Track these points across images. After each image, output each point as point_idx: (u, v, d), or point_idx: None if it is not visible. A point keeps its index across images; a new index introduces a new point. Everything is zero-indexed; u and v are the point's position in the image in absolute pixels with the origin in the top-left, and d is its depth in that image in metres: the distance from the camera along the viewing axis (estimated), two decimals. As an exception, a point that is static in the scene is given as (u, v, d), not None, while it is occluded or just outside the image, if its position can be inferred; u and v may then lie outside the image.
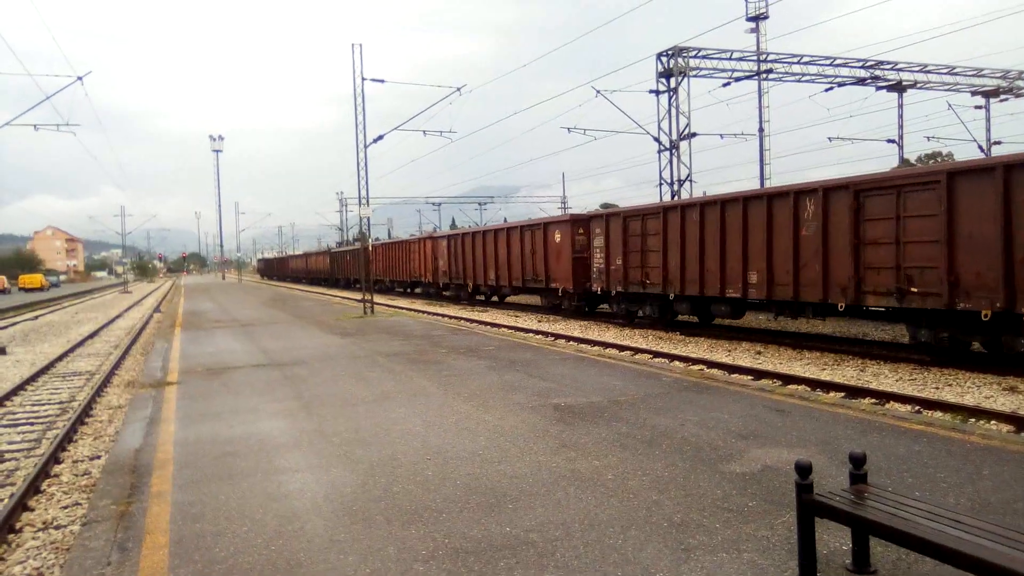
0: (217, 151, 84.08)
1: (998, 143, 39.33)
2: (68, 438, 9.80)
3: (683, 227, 18.98)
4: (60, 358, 18.69)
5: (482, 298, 35.36)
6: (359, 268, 50.14)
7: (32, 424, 11.26)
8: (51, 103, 27.22)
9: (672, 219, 19.54)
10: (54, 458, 8.75)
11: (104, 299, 58.60)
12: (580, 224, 24.71)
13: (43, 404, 12.84)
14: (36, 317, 36.78)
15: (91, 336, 24.88)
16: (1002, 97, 37.47)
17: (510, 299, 34.97)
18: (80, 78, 26.67)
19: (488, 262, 31.20)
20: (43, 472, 8.08)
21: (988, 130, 38.83)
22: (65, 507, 7.04)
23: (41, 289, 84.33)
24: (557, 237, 25.49)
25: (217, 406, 9.91)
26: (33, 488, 7.51)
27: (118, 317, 34.50)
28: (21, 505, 6.96)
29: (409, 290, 47.62)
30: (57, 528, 6.43)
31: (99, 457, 8.85)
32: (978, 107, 38.30)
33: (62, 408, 12.43)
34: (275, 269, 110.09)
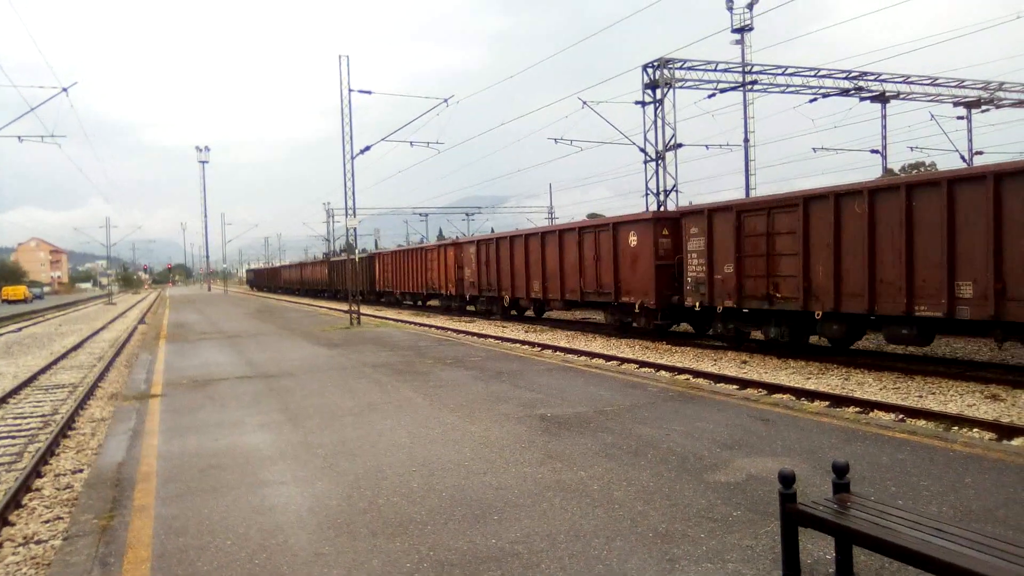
0: (203, 162, 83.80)
1: (980, 153, 39.76)
2: (50, 451, 9.70)
3: (838, 221, 14.55)
4: (43, 370, 18.52)
5: (521, 313, 31.11)
6: (364, 279, 47.41)
7: (14, 437, 11.14)
8: (36, 114, 27.05)
9: (818, 212, 15.02)
10: (36, 472, 8.65)
11: (88, 311, 58.15)
12: (665, 223, 19.91)
13: (25, 417, 12.71)
14: (19, 329, 36.45)
15: (75, 348, 24.67)
16: (983, 108, 37.84)
17: (553, 314, 29.90)
18: (65, 89, 26.55)
19: (532, 271, 26.46)
20: (24, 486, 7.99)
21: (970, 140, 39.23)
22: (47, 521, 6.96)
23: (24, 301, 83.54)
24: (632, 240, 20.64)
25: (202, 419, 9.85)
26: (14, 502, 7.43)
27: (102, 329, 34.23)
28: (2, 519, 6.87)
29: (421, 303, 42.86)
30: (38, 543, 6.35)
31: (81, 471, 8.76)
32: (960, 118, 38.68)
33: (44, 421, 12.31)
34: (266, 280, 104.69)
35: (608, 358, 17.09)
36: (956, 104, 37.62)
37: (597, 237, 22.44)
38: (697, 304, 18.24)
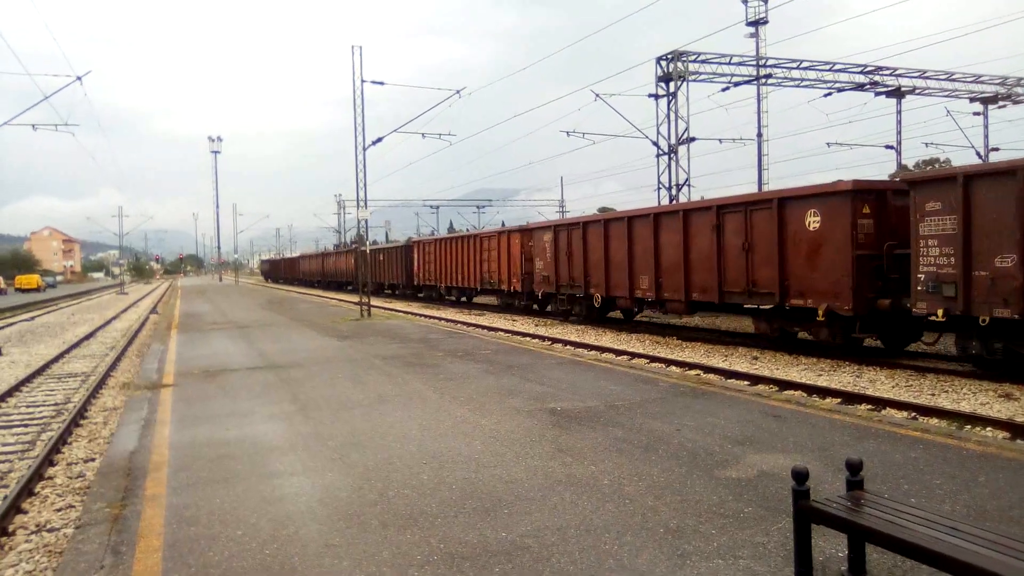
0: (215, 152, 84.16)
1: (996, 149, 39.41)
2: (63, 440, 9.76)
3: None
4: (56, 359, 18.64)
5: (629, 317, 24.41)
6: (399, 270, 44.01)
7: (27, 426, 11.22)
8: (50, 103, 27.19)
9: None
10: (48, 460, 8.71)
11: (100, 300, 58.51)
12: (867, 198, 14.34)
13: (38, 406, 12.80)
14: (32, 318, 36.70)
15: (87, 337, 24.82)
16: (1000, 104, 37.56)
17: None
18: (79, 78, 26.64)
19: (639, 263, 20.45)
20: (37, 474, 8.04)
21: (986, 136, 38.92)
22: (59, 510, 7.00)
23: (37, 290, 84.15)
24: (812, 220, 15.15)
25: (213, 409, 9.89)
26: (27, 490, 7.48)
27: (114, 319, 34.42)
28: (14, 507, 6.92)
29: (467, 300, 37.19)
30: (50, 531, 6.39)
31: (93, 459, 8.81)
32: (976, 113, 38.38)
33: (57, 410, 12.39)
34: (282, 271, 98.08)
35: (618, 352, 17.06)
36: (972, 99, 37.34)
37: (748, 218, 16.79)
38: (940, 312, 12.73)
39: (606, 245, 21.99)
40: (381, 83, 28.65)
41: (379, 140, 29.40)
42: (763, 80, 33.07)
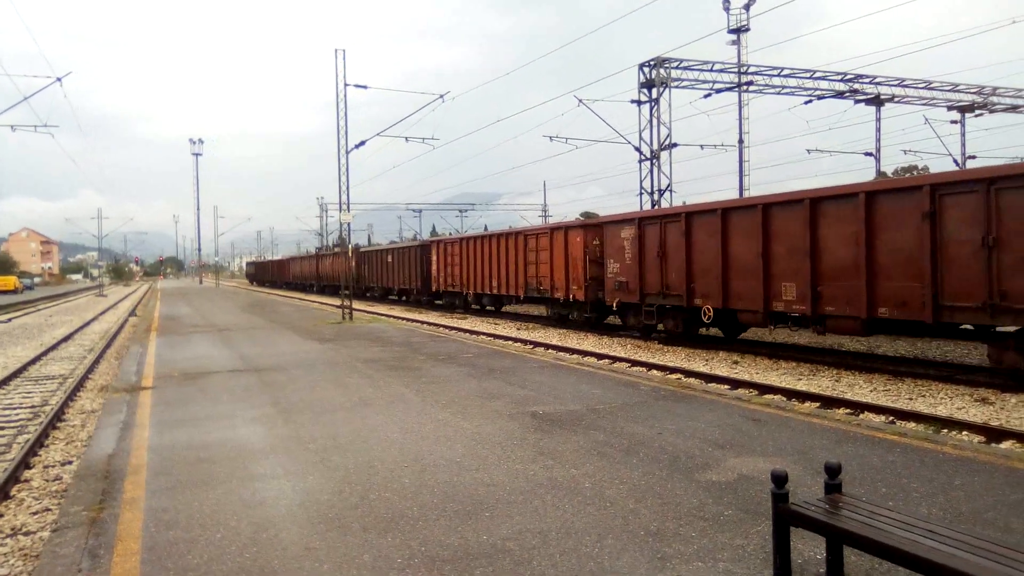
0: (197, 154, 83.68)
1: (973, 157, 39.95)
2: (39, 443, 9.65)
3: None
4: (33, 361, 18.42)
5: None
6: (414, 274, 38.38)
7: (2, 428, 11.08)
8: (29, 104, 26.91)
9: None
10: (24, 463, 8.61)
11: (79, 302, 57.88)
12: None
13: (14, 408, 12.64)
14: (9, 320, 36.25)
15: (65, 339, 24.55)
16: (977, 112, 38.07)
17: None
18: (59, 79, 26.39)
19: (780, 266, 15.51)
20: (13, 477, 7.94)
21: (963, 144, 39.43)
22: (35, 513, 6.92)
23: (14, 291, 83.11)
24: None
25: (193, 411, 9.81)
26: (2, 493, 7.39)
27: (93, 321, 34.08)
28: (-10, 511, 6.84)
29: (494, 308, 32.38)
30: (26, 534, 6.32)
31: (71, 462, 8.72)
32: (954, 122, 38.89)
33: (34, 412, 12.25)
34: (269, 273, 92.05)
35: (600, 356, 17.11)
36: (950, 108, 37.83)
37: (992, 201, 11.71)
38: None
39: (724, 242, 16.96)
40: (364, 87, 28.63)
41: (362, 144, 29.36)
42: (745, 87, 33.33)
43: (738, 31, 34.18)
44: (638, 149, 31.47)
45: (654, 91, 30.54)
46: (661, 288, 19.22)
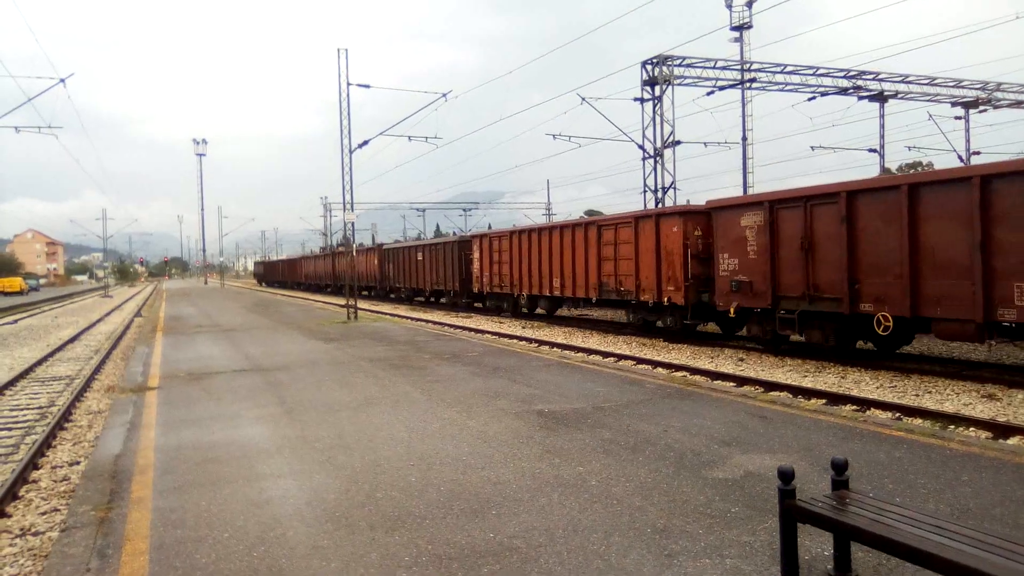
0: (201, 155, 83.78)
1: (977, 153, 39.83)
2: (47, 443, 9.68)
3: None
4: (39, 362, 18.48)
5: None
6: (452, 273, 34.60)
7: (10, 429, 11.12)
8: (33, 105, 27.00)
9: None
10: (32, 463, 8.64)
11: (84, 303, 58.02)
12: None
13: (22, 409, 12.69)
14: (15, 321, 36.36)
15: (71, 340, 24.62)
16: (981, 108, 37.92)
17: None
18: (63, 80, 26.48)
19: (1013, 259, 11.59)
20: (21, 478, 7.97)
21: (967, 140, 39.31)
22: (43, 513, 6.94)
23: (20, 293, 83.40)
24: None
25: (199, 412, 9.84)
26: (11, 494, 7.41)
27: (99, 321, 34.16)
28: (-2, 511, 6.86)
29: (544, 312, 27.58)
30: (35, 534, 6.34)
31: (79, 463, 8.75)
32: (958, 118, 38.76)
33: (41, 413, 12.29)
34: (279, 274, 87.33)
35: (605, 354, 17.10)
36: (954, 104, 37.70)
37: None
38: None
39: (911, 229, 12.96)
40: (367, 86, 28.66)
41: (365, 143, 29.37)
42: (747, 84, 33.26)
43: (741, 28, 34.12)
44: (641, 147, 31.43)
45: (657, 88, 30.49)
46: (805, 289, 15.14)
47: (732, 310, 16.92)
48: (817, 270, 14.97)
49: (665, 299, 19.30)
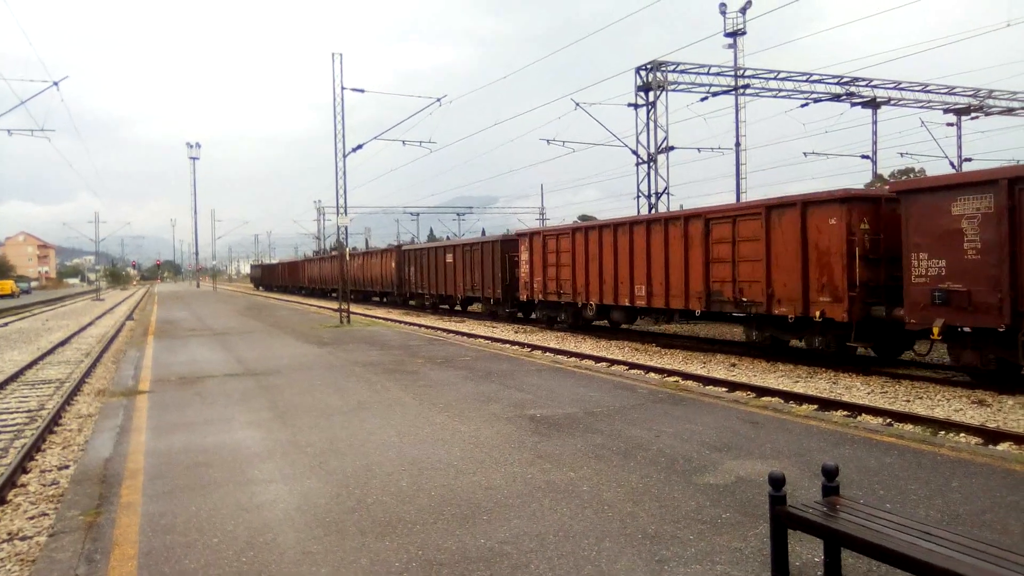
0: (194, 158, 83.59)
1: (969, 160, 40.01)
2: (36, 447, 9.63)
3: None
4: (29, 366, 18.38)
5: None
6: (485, 277, 30.37)
7: (-1, 433, 11.06)
8: (26, 108, 26.95)
9: None
10: (21, 467, 8.59)
11: (76, 306, 57.77)
12: None
13: (11, 412, 12.62)
14: (5, 324, 36.18)
15: (62, 344, 24.50)
16: (973, 115, 38.14)
17: None
18: (56, 83, 26.40)
19: None
20: (9, 482, 7.92)
21: (959, 147, 39.49)
22: (31, 517, 6.90)
23: (11, 295, 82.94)
24: None
25: (190, 416, 9.79)
26: (-1, 498, 7.37)
27: (90, 325, 34.02)
28: (-14, 516, 6.81)
29: (625, 324, 22.87)
30: (23, 539, 6.30)
31: (67, 467, 8.70)
32: (950, 124, 38.95)
33: (30, 416, 12.22)
34: (279, 277, 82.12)
35: (598, 359, 17.10)
36: (946, 111, 37.90)
37: None
38: None
39: None
40: (361, 90, 28.62)
41: (359, 147, 29.37)
42: (741, 90, 33.37)
43: (734, 35, 34.23)
44: (635, 152, 31.50)
45: (651, 94, 30.58)
46: None
47: (936, 330, 12.71)
48: None
49: (816, 313, 14.92)
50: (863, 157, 39.72)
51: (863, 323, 14.27)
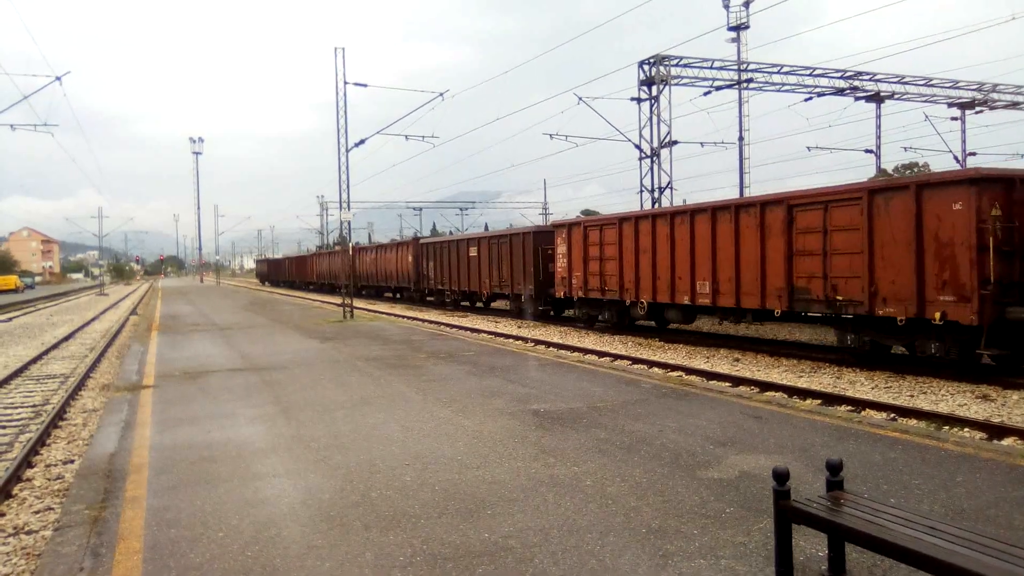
0: (197, 153, 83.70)
1: (973, 154, 39.91)
2: (41, 442, 9.66)
3: None
4: (34, 360, 18.42)
5: None
6: (515, 271, 28.05)
7: (4, 428, 11.08)
8: (29, 103, 26.94)
9: None
10: (26, 462, 8.61)
11: (80, 301, 57.88)
12: None
13: (16, 407, 12.65)
14: (10, 319, 36.26)
15: (66, 339, 24.55)
16: (977, 109, 38.01)
17: None
18: (59, 78, 26.41)
19: None
20: (14, 476, 7.94)
21: (963, 141, 39.38)
22: (37, 512, 6.92)
23: (15, 291, 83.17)
24: None
25: (194, 410, 9.82)
26: (4, 492, 7.39)
27: (94, 320, 34.08)
28: (-8, 510, 6.84)
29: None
30: (28, 533, 6.32)
31: (73, 461, 8.72)
32: (954, 119, 38.84)
33: (35, 411, 12.25)
34: (285, 272, 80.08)
35: (601, 354, 17.10)
36: (950, 105, 37.78)
37: None
38: None
39: None
40: (364, 85, 28.62)
41: (362, 142, 29.35)
42: (744, 84, 33.29)
43: (738, 28, 34.14)
44: (638, 147, 31.44)
45: (654, 88, 30.51)
46: None
47: None
48: None
49: (936, 315, 12.73)
50: (867, 151, 39.59)
51: (995, 326, 12.12)
